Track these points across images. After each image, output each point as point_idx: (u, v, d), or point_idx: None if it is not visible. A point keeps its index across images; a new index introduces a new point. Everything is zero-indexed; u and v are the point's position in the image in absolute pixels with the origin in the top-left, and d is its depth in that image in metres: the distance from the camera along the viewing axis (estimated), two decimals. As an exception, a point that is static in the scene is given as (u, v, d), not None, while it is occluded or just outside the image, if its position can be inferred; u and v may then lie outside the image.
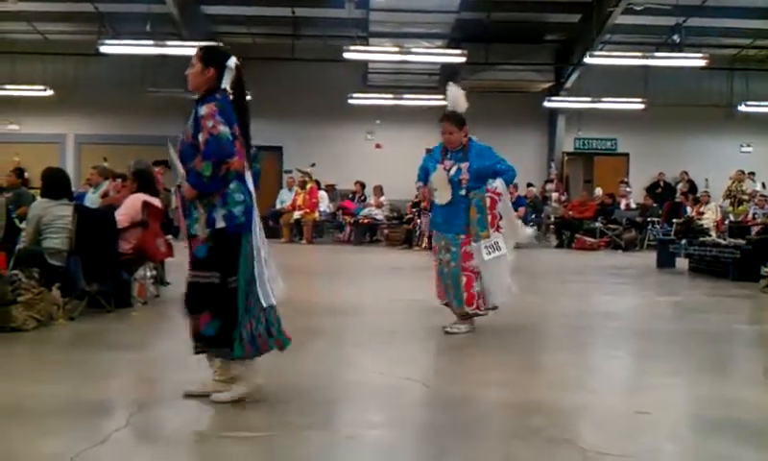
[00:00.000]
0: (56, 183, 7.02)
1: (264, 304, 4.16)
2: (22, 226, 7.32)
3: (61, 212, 6.72)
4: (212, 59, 4.19)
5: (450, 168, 6.10)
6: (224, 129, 3.97)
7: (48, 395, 4.39)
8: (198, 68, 4.18)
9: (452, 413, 4.17)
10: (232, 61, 4.17)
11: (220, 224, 4.05)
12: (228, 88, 4.16)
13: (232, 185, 4.08)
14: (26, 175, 12.39)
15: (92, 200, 9.74)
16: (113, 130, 19.52)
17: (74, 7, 17.18)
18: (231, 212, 4.07)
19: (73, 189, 7.84)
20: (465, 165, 6.05)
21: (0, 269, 6.54)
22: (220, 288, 4.09)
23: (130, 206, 7.32)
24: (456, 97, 6.21)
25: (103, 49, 16.00)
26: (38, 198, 7.62)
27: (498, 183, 6.10)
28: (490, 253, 6.00)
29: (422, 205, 14.19)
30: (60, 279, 6.57)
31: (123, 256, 7.13)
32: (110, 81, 18.85)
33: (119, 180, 9.59)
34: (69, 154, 20.59)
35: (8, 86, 18.75)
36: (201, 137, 3.97)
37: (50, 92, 18.96)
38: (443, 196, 6.09)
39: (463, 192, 6.05)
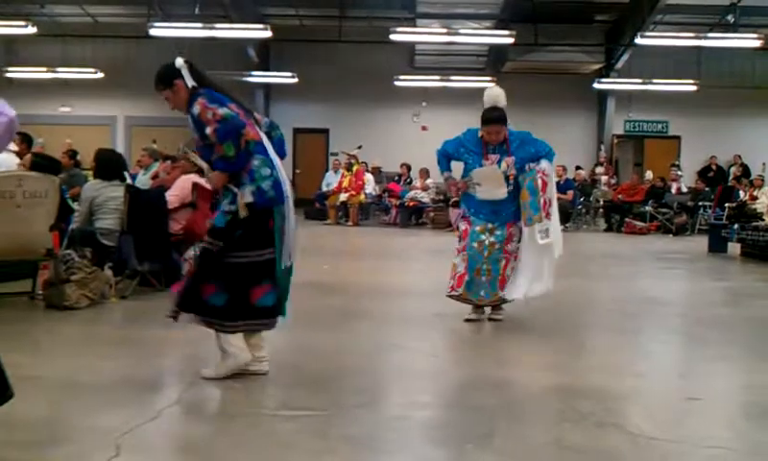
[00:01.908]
0: (108, 165, 7.15)
1: (283, 266, 4.24)
2: (75, 206, 7.47)
3: (114, 193, 6.84)
4: (168, 76, 4.32)
5: (495, 163, 5.85)
6: (222, 110, 4.08)
7: (102, 371, 4.49)
8: (168, 94, 4.33)
9: (500, 395, 4.16)
10: (179, 61, 4.31)
11: (249, 198, 4.14)
12: (195, 83, 4.27)
13: (257, 162, 4.17)
14: (78, 156, 12.60)
15: (143, 181, 9.89)
16: (162, 112, 19.42)
17: (125, -10, 17.44)
18: (260, 187, 4.15)
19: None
20: (510, 160, 5.80)
21: (54, 249, 6.70)
22: (257, 263, 4.18)
23: (180, 188, 7.41)
24: (497, 96, 5.93)
25: (152, 32, 16.16)
26: (90, 179, 7.78)
27: (545, 165, 5.94)
28: (543, 238, 5.84)
29: (452, 200, 13.42)
30: (112, 258, 6.71)
31: (173, 236, 7.23)
32: (159, 63, 18.98)
33: (168, 161, 9.72)
34: (119, 135, 20.94)
35: (60, 69, 19.08)
36: (208, 131, 4.08)
37: (100, 75, 19.27)
38: (496, 193, 5.81)
39: (511, 188, 5.83)
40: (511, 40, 16.11)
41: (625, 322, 6.55)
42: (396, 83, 19.27)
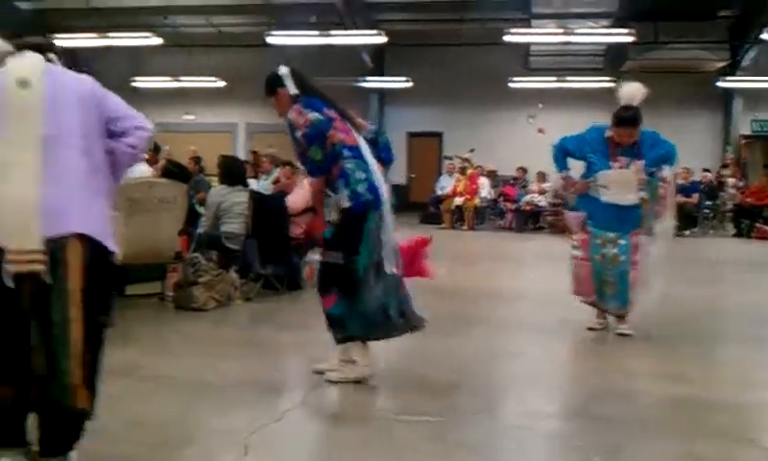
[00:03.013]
0: (232, 171, 7.39)
1: (387, 271, 4.27)
2: (201, 211, 7.74)
3: (238, 198, 7.06)
4: (272, 85, 4.48)
5: (625, 166, 5.55)
6: (312, 115, 4.21)
7: (228, 371, 4.64)
8: (273, 101, 4.50)
9: (625, 407, 4.05)
10: (282, 69, 4.46)
11: (345, 204, 4.22)
12: (298, 90, 4.40)
13: (350, 165, 4.23)
14: (202, 162, 13.09)
15: (264, 186, 10.15)
16: (281, 118, 20.21)
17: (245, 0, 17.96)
18: (355, 191, 4.21)
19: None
20: (640, 163, 5.49)
21: (182, 252, 6.98)
22: (344, 269, 4.24)
23: (301, 193, 7.57)
24: (633, 93, 5.57)
25: (270, 40, 16.61)
26: (214, 184, 8.05)
27: (667, 172, 5.70)
28: (657, 243, 5.63)
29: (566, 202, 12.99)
30: (237, 261, 6.93)
31: (294, 241, 7.40)
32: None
33: (288, 167, 9.94)
34: (241, 141, 21.59)
35: (183, 78, 19.89)
36: (298, 135, 4.21)
37: (222, 83, 19.95)
38: (624, 198, 5.53)
39: (641, 193, 5.57)
40: (630, 39, 15.65)
41: (755, 331, 6.23)
42: (511, 84, 19.06)
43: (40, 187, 2.68)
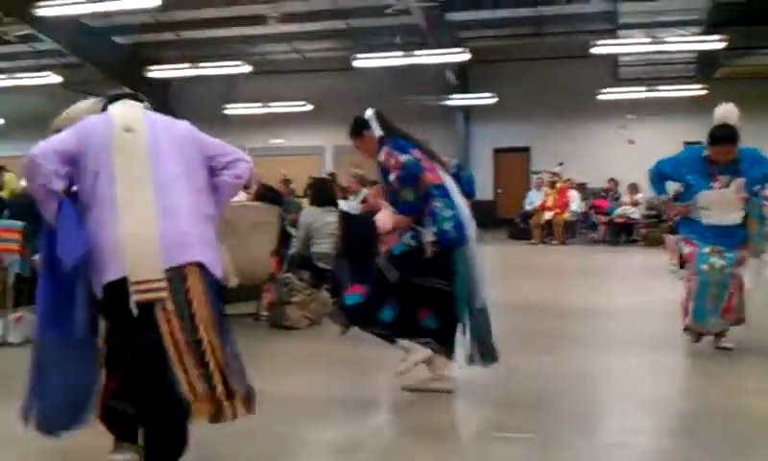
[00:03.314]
0: (322, 192, 7.53)
1: (477, 306, 4.36)
2: (292, 232, 7.90)
3: (329, 219, 7.19)
4: (358, 127, 4.63)
5: (725, 185, 5.38)
6: (404, 157, 4.32)
7: (321, 386, 4.74)
8: (358, 143, 4.66)
9: (726, 425, 3.93)
10: (368, 112, 4.60)
11: (430, 239, 4.31)
12: (383, 132, 4.51)
13: (438, 204, 4.33)
14: (291, 184, 13.37)
15: (352, 206, 10.28)
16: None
17: (329, 25, 18.28)
18: (442, 229, 4.31)
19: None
20: (740, 181, 5.31)
21: (274, 271, 7.13)
22: (438, 292, 4.35)
23: (389, 212, 7.63)
24: (727, 112, 5.40)
25: (355, 63, 16.84)
26: (304, 205, 8.21)
27: None
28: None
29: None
30: (328, 281, 7.03)
31: (383, 259, 7.45)
32: (361, 93, 19.79)
33: (375, 186, 10.05)
34: (328, 164, 21.91)
35: (272, 104, 20.38)
36: (391, 178, 4.34)
37: (309, 107, 20.34)
38: (727, 218, 5.35)
39: (743, 212, 5.37)
40: (721, 45, 15.20)
41: None
42: (599, 96, 18.74)
43: (157, 222, 2.87)
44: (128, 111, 3.09)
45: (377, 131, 4.51)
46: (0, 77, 18.70)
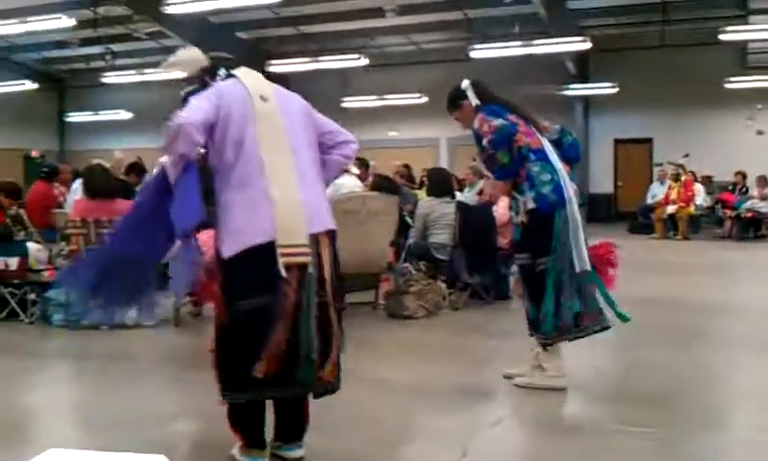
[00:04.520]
0: (440, 183, 7.54)
1: (578, 269, 4.21)
2: (410, 222, 7.94)
3: (446, 210, 7.20)
4: (454, 99, 4.61)
5: None
6: (497, 121, 4.26)
7: (439, 376, 4.77)
8: (457, 115, 4.62)
9: None
10: (464, 83, 4.58)
11: (531, 205, 4.26)
12: (479, 101, 4.46)
13: (536, 167, 4.27)
14: (411, 171, 13.47)
15: (469, 197, 10.24)
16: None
17: (445, 16, 18.24)
18: (540, 193, 4.25)
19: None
20: None
21: (392, 261, 7.20)
22: (530, 270, 4.30)
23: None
24: None
25: (473, 54, 16.72)
26: (422, 196, 8.24)
27: None
28: None
29: None
30: (445, 271, 7.05)
31: (500, 251, 7.40)
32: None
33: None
34: (443, 155, 21.91)
35: (387, 96, 20.53)
36: (485, 142, 4.27)
37: (424, 99, 20.37)
38: None
39: None
40: None
41: None
42: (726, 85, 17.93)
43: (300, 188, 2.98)
44: (255, 79, 3.18)
45: (474, 99, 4.49)
46: (130, 73, 19.56)
